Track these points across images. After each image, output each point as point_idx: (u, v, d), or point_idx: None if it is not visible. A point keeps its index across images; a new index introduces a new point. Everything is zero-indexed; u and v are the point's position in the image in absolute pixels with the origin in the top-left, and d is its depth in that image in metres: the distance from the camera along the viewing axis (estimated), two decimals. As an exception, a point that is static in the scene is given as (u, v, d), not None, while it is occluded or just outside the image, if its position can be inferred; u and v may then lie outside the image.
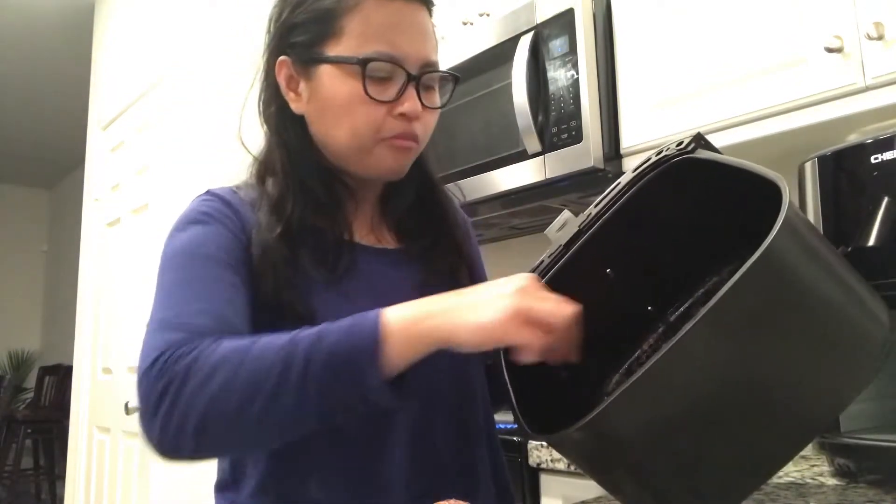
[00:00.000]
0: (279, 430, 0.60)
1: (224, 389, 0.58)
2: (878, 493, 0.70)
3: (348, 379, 0.57)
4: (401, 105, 0.71)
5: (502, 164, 1.55)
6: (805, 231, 0.48)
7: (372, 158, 0.73)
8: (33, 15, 3.47)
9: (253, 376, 0.58)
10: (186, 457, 0.61)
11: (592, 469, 0.54)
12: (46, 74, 4.17)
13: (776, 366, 0.47)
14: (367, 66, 0.69)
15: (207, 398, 0.57)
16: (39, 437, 5.23)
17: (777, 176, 0.49)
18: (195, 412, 0.57)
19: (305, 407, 0.58)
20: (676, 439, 0.47)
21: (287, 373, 0.57)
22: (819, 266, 0.48)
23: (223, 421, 0.58)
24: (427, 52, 0.73)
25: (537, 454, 1.21)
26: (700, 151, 0.60)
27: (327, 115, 0.73)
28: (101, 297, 2.73)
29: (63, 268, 5.67)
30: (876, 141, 0.75)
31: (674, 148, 0.62)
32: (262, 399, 0.57)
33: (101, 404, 2.61)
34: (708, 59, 1.29)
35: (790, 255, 0.46)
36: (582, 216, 0.68)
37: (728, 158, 0.57)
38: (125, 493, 2.36)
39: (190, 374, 0.58)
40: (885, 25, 1.06)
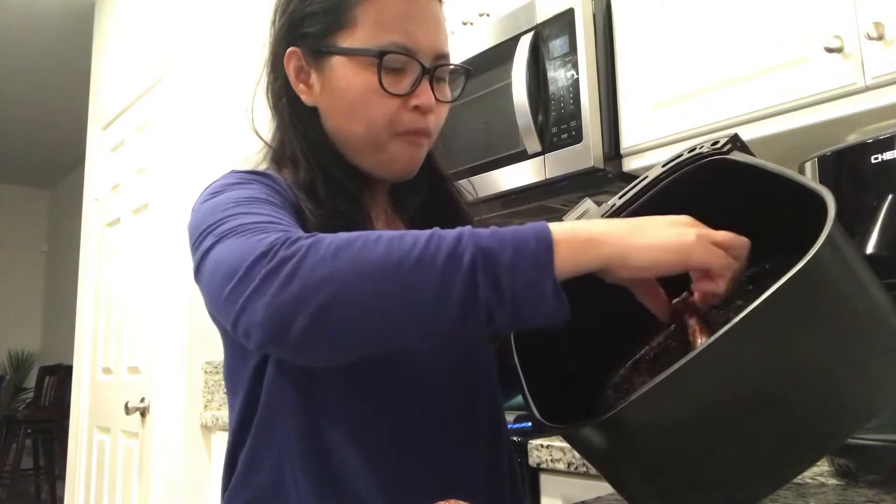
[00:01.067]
0: (414, 323, 0.51)
1: (365, 264, 0.50)
2: (878, 493, 0.70)
3: (523, 266, 0.50)
4: (415, 98, 0.69)
5: (502, 164, 1.55)
6: (846, 246, 0.48)
7: (386, 155, 0.72)
8: (33, 15, 3.47)
9: (402, 251, 0.51)
10: (290, 345, 0.51)
11: (602, 465, 0.54)
12: (46, 74, 4.17)
13: (807, 376, 0.46)
14: (384, 58, 0.68)
15: (344, 269, 0.50)
16: (39, 437, 5.24)
17: (823, 188, 0.48)
18: (323, 286, 0.50)
19: (467, 297, 0.50)
20: (693, 442, 0.47)
21: (454, 254, 0.50)
22: (856, 282, 0.48)
23: (356, 301, 0.50)
24: (441, 43, 0.72)
25: (537, 454, 1.21)
26: (736, 153, 0.59)
27: (341, 108, 0.71)
28: (101, 297, 2.73)
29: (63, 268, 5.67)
30: (876, 141, 0.75)
31: (708, 147, 0.61)
32: (408, 274, 0.50)
33: (101, 404, 2.61)
34: (708, 59, 1.29)
35: (831, 268, 0.45)
36: (605, 206, 0.66)
37: (767, 164, 0.56)
38: (125, 493, 2.36)
39: (311, 249, 0.51)
40: (885, 25, 1.06)
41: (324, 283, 0.50)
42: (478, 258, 0.50)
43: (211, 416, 2.14)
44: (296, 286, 0.50)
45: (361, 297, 0.50)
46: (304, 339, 0.50)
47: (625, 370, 0.69)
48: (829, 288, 0.46)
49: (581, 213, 0.67)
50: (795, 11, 1.17)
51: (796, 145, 1.13)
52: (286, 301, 0.50)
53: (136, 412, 2.30)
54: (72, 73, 3.82)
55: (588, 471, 1.11)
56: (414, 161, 0.74)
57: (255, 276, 0.51)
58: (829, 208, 0.46)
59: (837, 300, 0.47)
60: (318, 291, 0.50)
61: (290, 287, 0.50)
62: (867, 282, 0.49)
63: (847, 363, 0.48)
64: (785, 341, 0.45)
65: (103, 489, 2.52)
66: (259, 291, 0.51)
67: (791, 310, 0.44)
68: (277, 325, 0.50)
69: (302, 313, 0.49)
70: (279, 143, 0.77)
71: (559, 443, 1.18)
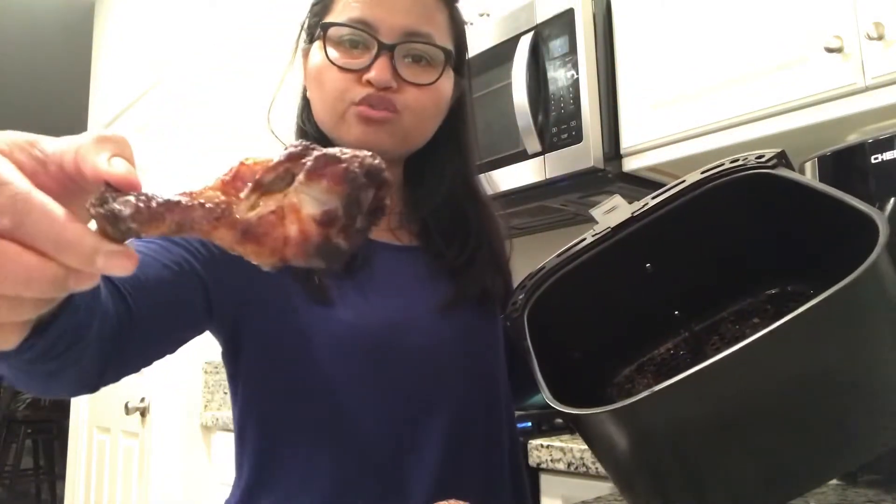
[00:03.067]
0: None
1: None
2: (878, 493, 0.70)
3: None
4: (368, 73, 0.68)
5: (502, 164, 1.55)
6: (890, 273, 0.48)
7: (344, 126, 0.70)
8: (33, 15, 3.47)
9: None
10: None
11: (609, 459, 0.53)
12: (46, 74, 4.17)
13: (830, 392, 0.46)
14: (328, 30, 0.68)
15: None
16: (39, 437, 5.23)
17: (875, 211, 0.47)
18: None
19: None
20: (704, 447, 0.47)
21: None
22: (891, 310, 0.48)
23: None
24: (408, 21, 0.69)
25: (537, 454, 1.21)
26: (781, 169, 0.59)
27: (311, 88, 0.73)
28: (101, 297, 2.73)
29: (63, 268, 5.66)
30: (876, 141, 0.75)
31: (753, 160, 0.61)
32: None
33: (101, 404, 2.61)
34: (708, 59, 1.29)
35: (870, 292, 0.45)
36: (637, 204, 0.66)
37: (816, 183, 0.55)
38: (125, 493, 2.36)
39: None
40: (885, 25, 1.06)
41: None
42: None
43: (211, 416, 2.14)
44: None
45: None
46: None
47: (629, 371, 0.69)
48: (864, 313, 0.45)
49: (610, 208, 0.67)
50: (795, 11, 1.17)
51: (796, 145, 1.13)
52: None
53: (136, 412, 2.30)
54: (72, 73, 3.82)
55: (588, 471, 1.11)
56: (371, 134, 0.69)
57: None
58: (880, 232, 0.45)
59: (871, 326, 0.46)
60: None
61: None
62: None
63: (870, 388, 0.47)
64: (813, 358, 0.44)
65: (103, 489, 2.52)
66: None
67: (823, 328, 0.43)
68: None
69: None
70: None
71: (559, 443, 1.18)
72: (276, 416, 0.69)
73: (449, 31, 0.74)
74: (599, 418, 0.47)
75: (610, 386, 0.69)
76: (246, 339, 0.70)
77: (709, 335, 0.68)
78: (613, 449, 0.51)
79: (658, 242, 0.66)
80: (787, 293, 0.63)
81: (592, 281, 0.55)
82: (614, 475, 0.54)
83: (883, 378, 0.47)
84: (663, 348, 0.69)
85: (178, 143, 2.30)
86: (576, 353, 0.64)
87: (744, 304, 0.68)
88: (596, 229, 0.67)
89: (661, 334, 0.70)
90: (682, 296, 0.66)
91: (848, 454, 0.49)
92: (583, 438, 0.55)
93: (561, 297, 0.65)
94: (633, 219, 0.65)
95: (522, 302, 0.64)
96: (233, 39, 2.38)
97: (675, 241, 0.65)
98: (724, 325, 0.66)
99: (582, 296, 0.66)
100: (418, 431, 0.69)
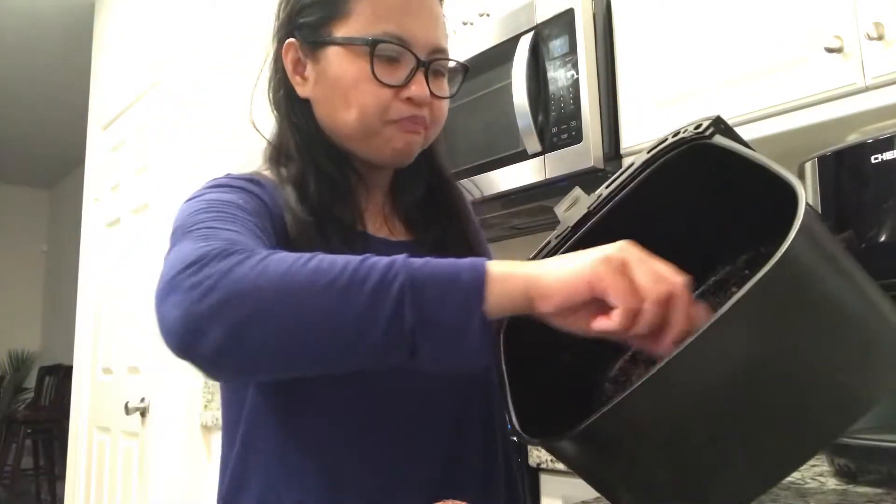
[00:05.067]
0: (333, 348, 0.50)
1: (290, 283, 0.49)
2: (878, 494, 0.70)
3: (453, 300, 0.49)
4: (408, 90, 0.69)
5: (502, 164, 1.55)
6: (821, 231, 0.48)
7: (379, 139, 0.71)
8: (33, 16, 3.47)
9: (331, 274, 0.49)
10: (201, 357, 0.51)
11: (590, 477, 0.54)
12: (46, 74, 4.17)
13: (792, 368, 0.46)
14: (377, 47, 0.68)
15: (267, 286, 0.49)
16: (39, 437, 5.23)
17: (794, 178, 0.48)
18: (241, 302, 0.49)
19: (391, 326, 0.49)
20: (682, 443, 0.47)
21: (383, 281, 0.49)
22: (836, 269, 0.48)
23: (274, 320, 0.48)
24: (437, 37, 0.72)
25: (537, 454, 1.21)
26: (717, 137, 0.58)
27: (334, 96, 0.71)
28: (101, 297, 2.73)
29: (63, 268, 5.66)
30: (876, 141, 0.75)
31: (691, 130, 0.60)
32: (333, 297, 0.48)
33: (101, 404, 2.61)
34: (708, 59, 1.29)
35: (807, 258, 0.45)
36: (592, 196, 0.66)
37: (745, 150, 0.54)
38: (125, 493, 2.36)
39: (240, 264, 0.50)
40: (885, 25, 1.06)
41: (244, 299, 0.49)
42: (406, 288, 0.49)
43: (211, 417, 2.14)
44: (214, 299, 0.49)
45: (280, 316, 0.49)
46: (216, 354, 0.50)
47: (623, 363, 0.69)
48: (811, 277, 0.45)
49: (571, 202, 0.66)
50: (795, 11, 1.17)
51: (796, 145, 1.13)
52: (201, 313, 0.49)
53: (136, 412, 2.30)
54: (72, 73, 3.82)
55: (588, 471, 1.11)
56: (409, 146, 0.72)
57: (178, 285, 0.51)
58: (799, 199, 0.45)
59: (821, 289, 0.46)
60: (236, 307, 0.49)
61: (207, 299, 0.49)
62: (852, 270, 0.48)
63: (839, 353, 0.47)
64: (771, 333, 0.45)
65: (103, 489, 2.52)
66: (177, 300, 0.50)
67: (774, 302, 0.44)
68: (189, 336, 0.50)
69: (215, 327, 0.49)
70: (277, 138, 0.77)
71: (559, 443, 1.18)
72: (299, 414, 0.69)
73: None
74: (563, 445, 0.48)
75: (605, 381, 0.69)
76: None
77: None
78: (588, 469, 0.52)
79: (622, 229, 0.65)
80: (760, 255, 0.62)
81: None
82: (599, 491, 0.54)
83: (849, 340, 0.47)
84: None
85: (178, 143, 2.30)
86: (565, 356, 0.63)
87: (723, 274, 0.67)
88: (558, 230, 0.66)
89: None
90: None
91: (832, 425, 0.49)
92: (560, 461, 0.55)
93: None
94: (591, 213, 0.64)
95: (497, 322, 0.64)
96: (233, 39, 2.38)
97: (639, 224, 0.64)
98: (706, 297, 0.66)
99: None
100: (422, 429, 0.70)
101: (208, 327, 0.49)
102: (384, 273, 0.50)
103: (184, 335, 0.50)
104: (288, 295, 0.49)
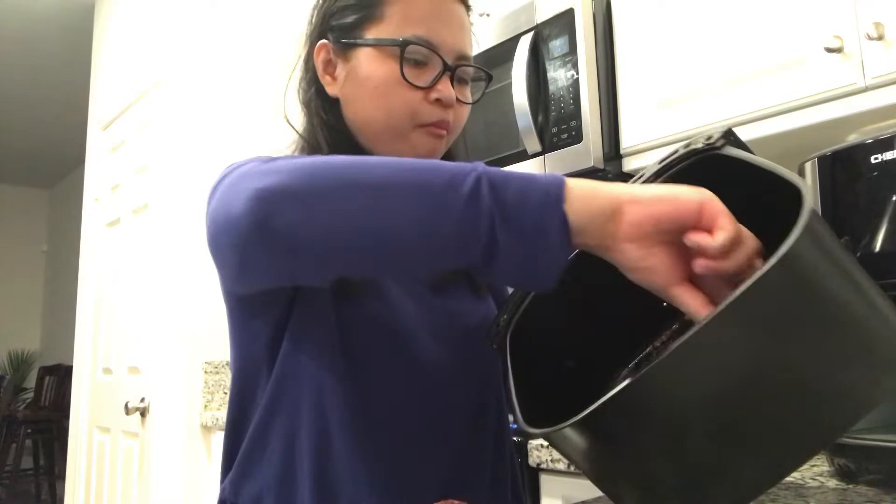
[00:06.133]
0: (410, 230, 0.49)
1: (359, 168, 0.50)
2: (878, 493, 0.70)
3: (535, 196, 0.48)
4: (436, 91, 0.72)
5: (502, 164, 1.55)
6: (824, 231, 0.48)
7: (406, 145, 0.73)
8: (33, 15, 3.47)
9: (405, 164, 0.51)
10: (273, 235, 0.50)
11: (591, 470, 0.54)
12: (46, 74, 4.17)
13: (793, 367, 0.46)
14: (406, 48, 0.70)
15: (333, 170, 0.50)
16: (39, 437, 5.23)
17: (799, 179, 0.48)
18: (312, 178, 0.49)
19: (469, 209, 0.48)
20: (680, 444, 0.47)
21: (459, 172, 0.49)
22: (839, 271, 0.48)
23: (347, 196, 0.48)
24: (464, 45, 0.75)
25: (537, 454, 1.21)
26: (728, 148, 0.59)
27: (363, 96, 0.73)
28: (101, 297, 2.73)
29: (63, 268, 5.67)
30: (876, 141, 0.75)
31: (702, 141, 0.61)
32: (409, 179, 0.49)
33: (101, 404, 2.61)
34: (708, 59, 1.29)
35: (810, 256, 0.45)
36: None
37: (755, 158, 0.55)
38: (125, 493, 2.36)
39: (308, 158, 0.53)
40: (885, 25, 1.06)
41: (314, 175, 0.49)
42: (483, 180, 0.49)
43: (211, 416, 2.14)
44: (284, 176, 0.49)
45: (353, 192, 0.49)
46: (290, 230, 0.49)
47: (627, 370, 0.69)
48: (814, 275, 0.46)
49: None
50: (795, 12, 1.17)
51: (796, 145, 1.13)
52: (272, 188, 0.49)
53: (136, 412, 2.30)
54: (72, 73, 3.82)
55: (588, 471, 1.11)
56: (434, 152, 0.75)
57: (245, 172, 0.52)
58: (805, 199, 0.45)
59: (823, 287, 0.46)
60: (306, 181, 0.49)
61: (277, 175, 0.49)
62: (853, 270, 0.49)
63: (840, 353, 0.47)
64: (772, 331, 0.45)
65: (103, 489, 2.52)
66: (245, 181, 0.51)
67: (775, 299, 0.44)
68: (263, 212, 0.49)
69: (289, 200, 0.49)
70: (306, 133, 0.79)
71: (559, 443, 1.18)
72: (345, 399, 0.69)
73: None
74: (563, 434, 0.48)
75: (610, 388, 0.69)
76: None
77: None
78: (588, 460, 0.52)
79: None
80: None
81: (574, 289, 0.55)
82: (600, 487, 0.54)
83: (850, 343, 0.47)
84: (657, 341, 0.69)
85: (178, 143, 2.30)
86: (570, 362, 0.64)
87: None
88: None
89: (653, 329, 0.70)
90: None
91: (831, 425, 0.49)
92: (563, 455, 0.55)
93: (545, 309, 0.65)
94: None
95: (504, 323, 0.64)
96: (233, 39, 2.38)
97: None
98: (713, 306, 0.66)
99: (568, 305, 0.65)
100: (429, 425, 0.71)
101: (281, 202, 0.49)
102: (459, 168, 0.50)
103: (256, 213, 0.49)
104: (362, 174, 0.50)
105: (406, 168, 0.51)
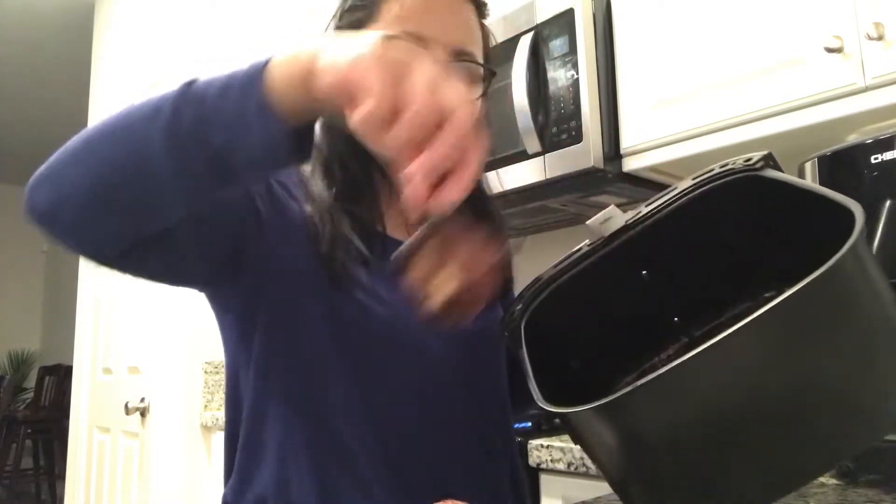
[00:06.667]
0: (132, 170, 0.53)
1: (90, 132, 0.56)
2: (878, 493, 0.70)
3: (232, 90, 0.50)
4: None
5: (502, 164, 1.55)
6: (869, 259, 0.48)
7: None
8: (33, 15, 3.47)
9: (120, 114, 0.55)
10: (38, 215, 0.59)
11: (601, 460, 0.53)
12: (46, 74, 4.17)
13: (818, 380, 0.46)
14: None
15: (75, 141, 0.56)
16: (39, 437, 5.24)
17: (852, 202, 0.48)
18: (58, 158, 0.57)
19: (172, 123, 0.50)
20: (696, 445, 0.47)
21: (163, 97, 0.52)
22: (876, 295, 0.48)
23: (77, 160, 0.55)
24: (460, 39, 0.72)
25: (537, 454, 1.21)
26: (768, 170, 0.59)
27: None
28: (101, 297, 2.73)
29: (63, 268, 5.67)
30: (876, 141, 0.75)
31: (741, 163, 0.61)
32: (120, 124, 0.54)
33: (101, 404, 2.61)
34: (708, 59, 1.29)
35: (853, 277, 0.45)
36: (631, 213, 0.67)
37: (797, 180, 0.56)
38: (125, 493, 2.36)
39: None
40: (885, 25, 1.06)
41: (59, 156, 0.56)
42: (184, 90, 0.51)
43: (211, 416, 2.14)
44: (43, 166, 0.57)
45: (83, 155, 0.54)
46: (45, 205, 0.57)
47: (631, 378, 0.69)
48: (848, 297, 0.45)
49: (605, 219, 0.67)
50: (795, 11, 1.17)
51: (796, 145, 1.13)
52: (32, 179, 0.58)
53: (136, 412, 2.30)
54: (72, 73, 3.82)
55: (588, 471, 1.11)
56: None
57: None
58: (857, 219, 0.45)
59: (856, 310, 0.46)
60: (53, 160, 0.56)
61: (40, 168, 0.57)
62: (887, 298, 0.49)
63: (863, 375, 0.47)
64: (798, 346, 0.44)
65: (103, 489, 2.52)
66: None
67: (806, 315, 0.43)
68: (29, 201, 0.58)
69: (42, 182, 0.57)
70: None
71: (559, 443, 1.18)
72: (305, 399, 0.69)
73: (482, 48, 0.78)
74: (585, 415, 0.47)
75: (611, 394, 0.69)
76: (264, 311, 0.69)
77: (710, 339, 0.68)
78: (603, 448, 0.51)
79: (654, 250, 0.66)
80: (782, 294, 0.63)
81: (590, 290, 0.55)
82: (609, 477, 0.54)
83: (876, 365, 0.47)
84: (664, 354, 0.69)
85: (178, 143, 2.30)
86: (575, 362, 0.63)
87: (742, 308, 0.68)
88: (591, 239, 0.67)
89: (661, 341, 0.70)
90: (681, 302, 0.66)
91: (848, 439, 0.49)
92: (575, 441, 0.55)
93: (559, 306, 0.65)
94: (627, 227, 0.65)
95: (520, 312, 0.64)
96: (233, 39, 2.38)
97: (671, 247, 0.65)
98: (723, 329, 0.66)
99: (580, 305, 0.66)
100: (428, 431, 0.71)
101: (39, 183, 0.57)
102: (165, 94, 0.52)
103: (26, 201, 0.58)
104: (87, 139, 0.55)
105: (120, 115, 0.54)
